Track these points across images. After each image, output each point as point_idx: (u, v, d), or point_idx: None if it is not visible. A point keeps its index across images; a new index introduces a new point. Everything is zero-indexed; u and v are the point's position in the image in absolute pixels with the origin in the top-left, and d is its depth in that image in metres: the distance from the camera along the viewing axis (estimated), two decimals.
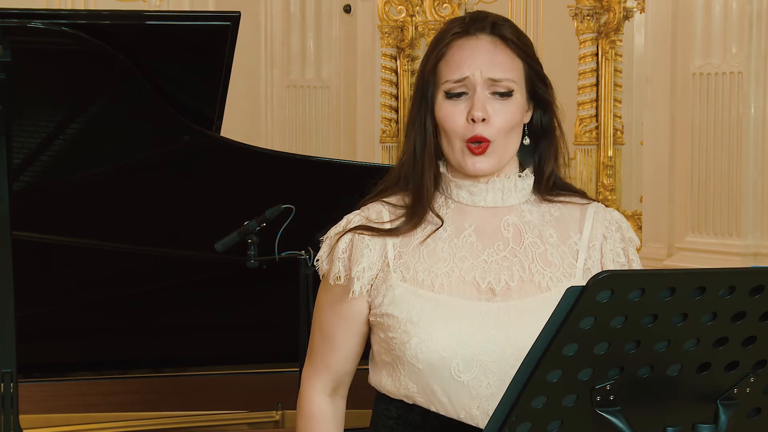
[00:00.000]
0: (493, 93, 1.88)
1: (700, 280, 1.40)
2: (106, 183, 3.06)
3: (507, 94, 1.89)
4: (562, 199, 1.96)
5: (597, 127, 6.26)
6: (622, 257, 1.94)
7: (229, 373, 3.41)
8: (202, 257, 3.19)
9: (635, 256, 1.96)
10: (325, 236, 1.95)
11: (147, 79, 2.86)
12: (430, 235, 1.89)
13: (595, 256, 1.92)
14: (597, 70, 6.20)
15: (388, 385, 1.89)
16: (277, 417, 3.30)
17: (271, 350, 3.35)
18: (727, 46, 5.31)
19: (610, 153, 6.25)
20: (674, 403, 1.49)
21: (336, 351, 1.96)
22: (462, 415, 1.83)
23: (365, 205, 1.96)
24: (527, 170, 1.95)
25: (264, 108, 7.65)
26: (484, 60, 1.89)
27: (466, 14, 2.01)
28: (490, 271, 1.87)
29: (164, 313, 3.34)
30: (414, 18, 7.11)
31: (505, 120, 1.88)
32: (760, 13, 5.26)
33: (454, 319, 1.83)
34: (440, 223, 1.90)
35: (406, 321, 1.84)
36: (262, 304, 3.34)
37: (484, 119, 1.86)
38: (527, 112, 1.94)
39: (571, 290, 1.36)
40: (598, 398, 1.43)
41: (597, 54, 6.20)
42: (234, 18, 2.84)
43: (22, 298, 2.60)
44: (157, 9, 7.33)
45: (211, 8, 7.28)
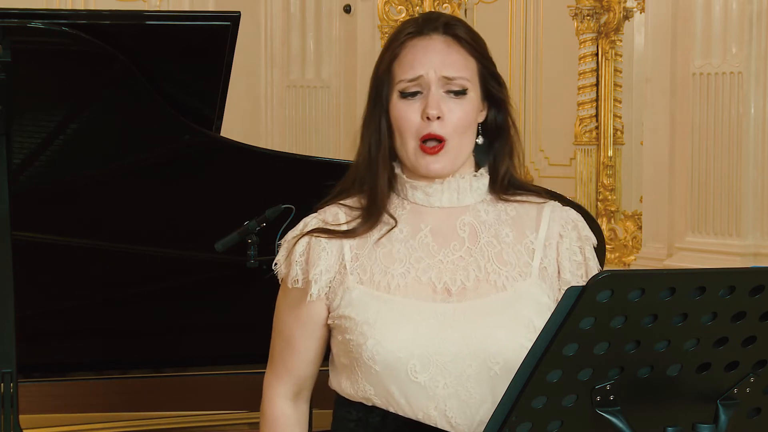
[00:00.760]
0: (448, 92, 1.89)
1: (700, 280, 1.41)
2: (105, 183, 3.06)
3: (461, 93, 1.90)
4: (518, 198, 1.96)
5: (597, 127, 6.26)
6: (579, 255, 1.94)
7: (229, 373, 3.41)
8: (202, 257, 3.18)
9: (592, 254, 1.96)
10: (283, 240, 1.96)
11: (147, 79, 2.86)
12: (384, 235, 1.90)
13: (551, 255, 1.92)
14: (597, 70, 6.20)
15: (347, 387, 1.90)
16: None
17: None
18: (727, 46, 5.31)
19: (610, 153, 6.25)
20: (674, 403, 1.49)
21: (296, 355, 1.97)
22: (420, 416, 1.84)
23: (322, 208, 1.97)
24: (482, 170, 1.96)
25: (264, 108, 7.65)
26: (438, 59, 1.90)
27: (419, 15, 2.02)
28: (445, 272, 1.88)
29: (164, 313, 3.34)
30: None
31: (459, 118, 1.89)
32: (760, 13, 5.26)
33: (409, 320, 1.84)
34: (393, 224, 1.91)
35: (363, 323, 1.85)
36: (261, 304, 3.33)
37: (438, 117, 1.87)
38: (481, 111, 1.95)
39: (571, 290, 1.37)
40: (598, 398, 1.43)
41: (597, 54, 6.20)
42: (234, 18, 2.84)
43: (22, 298, 2.60)
44: (157, 9, 7.32)
45: (211, 8, 7.28)
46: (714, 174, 5.38)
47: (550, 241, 1.93)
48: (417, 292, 1.86)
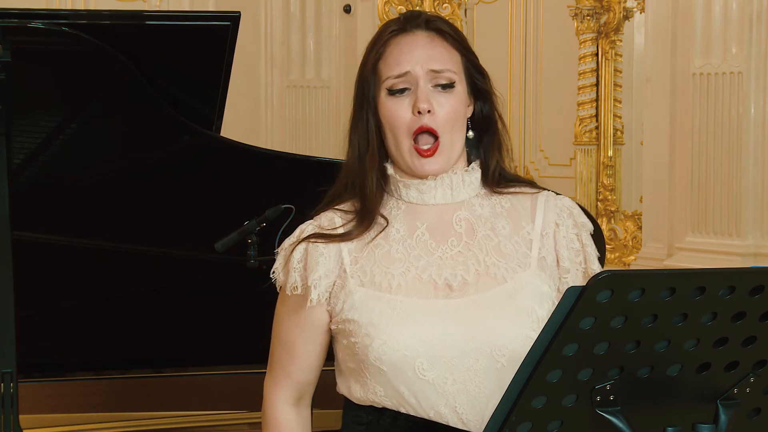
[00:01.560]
0: (435, 86, 1.90)
1: (700, 280, 1.41)
2: (106, 183, 3.06)
3: (449, 86, 1.91)
4: (511, 190, 1.97)
5: (597, 127, 6.26)
6: (576, 243, 1.94)
7: (229, 373, 3.41)
8: (202, 257, 3.18)
9: (589, 241, 1.96)
10: (280, 248, 1.96)
11: (147, 79, 2.86)
12: (378, 234, 1.90)
13: (549, 244, 1.93)
14: (597, 70, 6.20)
15: (357, 391, 1.89)
16: None
17: None
18: (727, 46, 5.31)
19: (610, 153, 6.26)
20: (674, 403, 1.49)
21: (297, 361, 1.97)
22: (431, 414, 1.84)
23: (317, 215, 1.97)
24: (473, 164, 1.96)
25: (264, 108, 7.65)
26: (423, 53, 1.91)
27: (399, 14, 2.02)
28: (445, 268, 1.88)
29: (164, 313, 3.34)
30: None
31: (448, 112, 1.90)
32: (760, 13, 5.26)
33: (413, 319, 1.84)
34: (385, 224, 1.91)
35: (367, 324, 1.85)
36: (262, 304, 3.33)
37: (429, 111, 1.88)
38: (468, 105, 1.96)
39: (571, 290, 1.37)
40: (598, 398, 1.43)
41: (597, 54, 6.20)
42: (234, 18, 2.84)
43: (23, 298, 2.60)
44: (157, 9, 7.32)
45: (211, 8, 7.28)
46: (714, 174, 5.38)
47: (547, 230, 1.94)
48: (419, 291, 1.86)
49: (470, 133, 1.96)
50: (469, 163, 1.96)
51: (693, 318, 1.42)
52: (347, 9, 7.65)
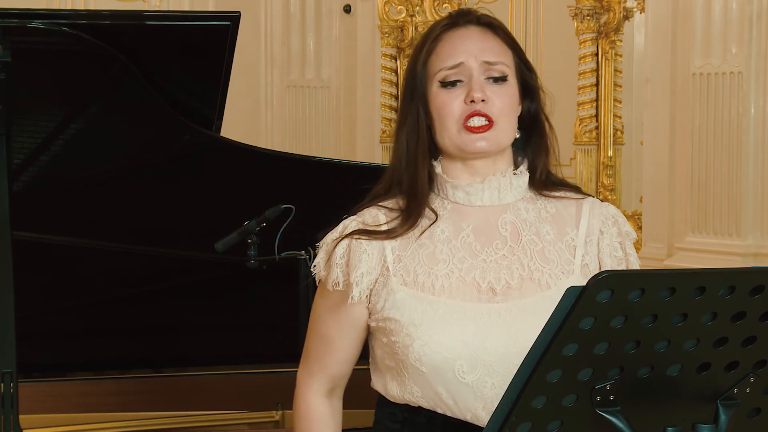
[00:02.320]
0: (488, 78, 1.89)
1: (700, 280, 1.40)
2: (106, 183, 3.06)
3: (502, 79, 1.89)
4: (557, 194, 1.96)
5: (597, 127, 6.26)
6: (619, 251, 1.93)
7: (229, 373, 3.41)
8: (202, 257, 3.19)
9: (632, 250, 1.95)
10: (322, 242, 1.94)
11: (147, 79, 2.86)
12: (427, 229, 1.89)
13: (593, 252, 1.92)
14: (597, 70, 6.20)
15: (393, 389, 1.89)
16: (277, 417, 3.30)
17: (271, 350, 3.35)
18: (727, 46, 5.31)
19: (610, 153, 6.25)
20: (674, 403, 1.49)
21: (334, 354, 1.96)
22: (468, 416, 1.83)
23: (360, 211, 1.95)
24: (521, 167, 1.95)
25: (264, 108, 7.65)
26: (477, 46, 1.90)
27: (450, 12, 2.02)
28: (489, 271, 1.87)
29: (164, 313, 3.34)
30: (414, 18, 7.11)
31: (503, 103, 1.88)
32: (760, 13, 5.26)
33: (455, 321, 1.83)
34: (435, 218, 1.90)
35: (408, 324, 1.84)
36: (262, 304, 3.34)
37: (483, 100, 1.86)
38: (518, 105, 1.94)
39: (571, 290, 1.36)
40: (598, 398, 1.43)
41: (597, 54, 6.20)
42: (234, 18, 2.84)
43: (23, 298, 2.60)
44: (157, 9, 7.32)
45: (211, 8, 7.28)
46: (714, 174, 5.38)
47: (591, 237, 1.92)
48: (462, 293, 1.85)
49: (518, 133, 1.94)
50: (516, 165, 1.95)
51: (693, 318, 1.42)
52: (347, 9, 7.65)
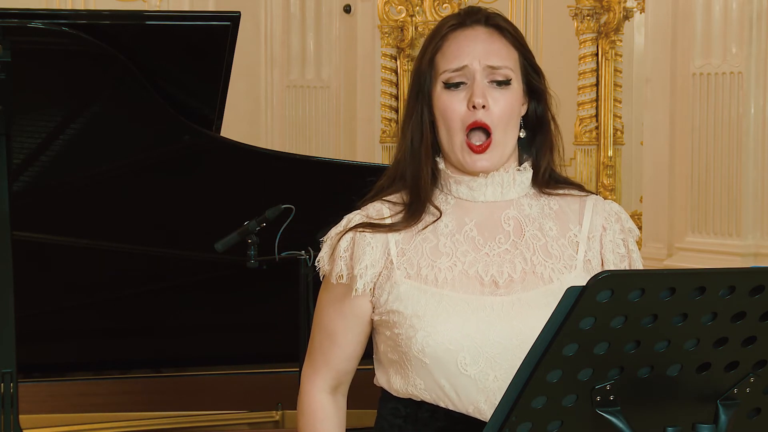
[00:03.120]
0: (492, 81, 1.90)
1: (700, 280, 1.40)
2: (106, 183, 3.06)
3: (505, 83, 1.90)
4: (560, 191, 1.97)
5: (597, 127, 6.26)
6: (622, 248, 1.95)
7: (229, 373, 3.42)
8: (202, 257, 3.19)
9: (634, 247, 1.97)
10: (326, 236, 1.95)
11: (147, 79, 2.86)
12: (429, 225, 1.90)
13: (595, 248, 1.93)
14: (597, 70, 6.20)
15: (396, 383, 1.89)
16: (277, 417, 3.30)
17: (271, 350, 3.35)
18: (727, 46, 5.31)
19: (610, 153, 6.25)
20: (674, 403, 1.49)
21: (338, 349, 1.97)
22: (470, 410, 1.84)
23: (365, 205, 1.96)
24: (525, 164, 1.96)
25: (264, 108, 7.65)
26: (482, 48, 1.90)
27: (459, 9, 2.02)
28: (492, 264, 1.88)
29: (164, 313, 3.34)
30: (414, 18, 7.11)
31: (503, 109, 1.89)
32: (760, 13, 5.26)
33: (458, 313, 1.84)
34: (438, 215, 1.91)
35: (412, 316, 1.85)
36: (262, 304, 3.34)
37: (484, 106, 1.87)
38: (523, 105, 1.95)
39: (571, 290, 1.36)
40: (598, 398, 1.43)
41: (597, 54, 6.20)
42: (234, 18, 2.84)
43: (22, 298, 2.60)
44: (157, 9, 7.32)
45: (211, 8, 7.28)
46: (714, 174, 5.38)
47: (594, 233, 1.94)
48: (465, 286, 1.86)
49: (522, 133, 1.95)
50: (520, 162, 1.96)
51: (693, 318, 1.42)
52: (347, 9, 7.65)
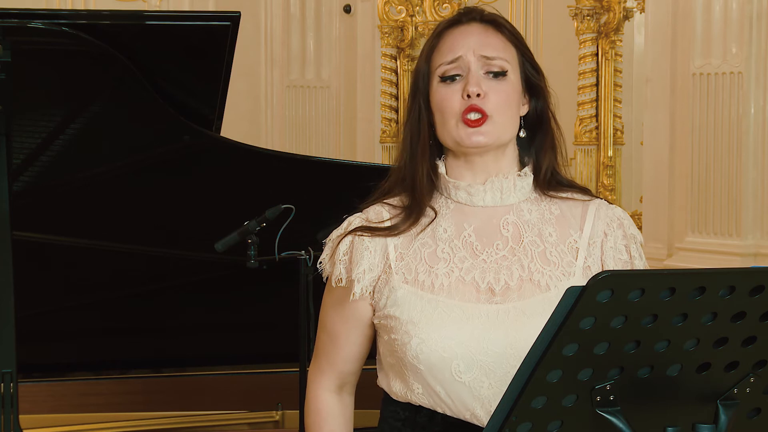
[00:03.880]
0: (487, 72, 1.88)
1: (700, 280, 1.40)
2: (106, 183, 3.06)
3: (501, 74, 1.89)
4: (562, 195, 1.95)
5: (597, 127, 6.26)
6: (624, 254, 1.92)
7: (229, 373, 3.42)
8: (202, 257, 3.19)
9: (638, 253, 1.93)
10: (328, 239, 1.95)
11: (147, 79, 2.86)
12: (427, 228, 1.89)
13: (596, 254, 1.91)
14: (597, 70, 6.20)
15: (396, 387, 1.90)
16: (277, 417, 3.30)
17: (271, 350, 3.35)
18: (727, 46, 5.31)
19: (610, 153, 6.25)
20: (674, 403, 1.49)
21: (340, 351, 1.97)
22: (467, 416, 1.84)
23: (366, 208, 1.96)
24: (526, 169, 1.95)
25: (264, 108, 7.65)
26: (476, 40, 1.90)
27: (458, 10, 2.02)
28: (489, 271, 1.87)
29: (164, 313, 3.34)
30: (414, 18, 7.11)
31: (500, 97, 1.88)
32: (760, 13, 5.26)
33: (453, 320, 1.83)
34: (434, 216, 1.90)
35: (407, 322, 1.84)
36: (262, 304, 3.34)
37: (479, 95, 1.86)
38: (523, 105, 1.94)
39: (571, 290, 1.36)
40: (598, 398, 1.43)
41: (597, 54, 6.20)
42: (234, 18, 2.84)
43: (22, 298, 2.60)
44: (157, 9, 7.32)
45: (211, 8, 7.28)
46: (714, 174, 5.38)
47: (595, 239, 1.92)
48: (461, 293, 1.85)
49: (522, 132, 1.94)
50: (521, 166, 1.95)
51: (693, 318, 1.42)
52: (347, 9, 7.65)
